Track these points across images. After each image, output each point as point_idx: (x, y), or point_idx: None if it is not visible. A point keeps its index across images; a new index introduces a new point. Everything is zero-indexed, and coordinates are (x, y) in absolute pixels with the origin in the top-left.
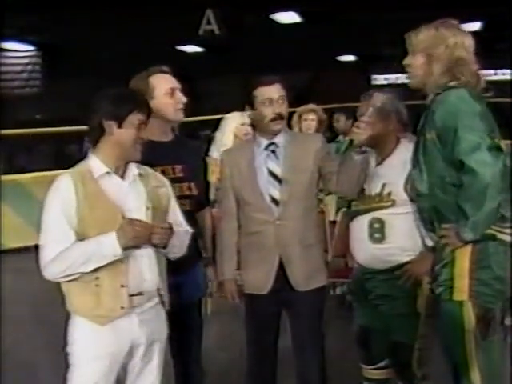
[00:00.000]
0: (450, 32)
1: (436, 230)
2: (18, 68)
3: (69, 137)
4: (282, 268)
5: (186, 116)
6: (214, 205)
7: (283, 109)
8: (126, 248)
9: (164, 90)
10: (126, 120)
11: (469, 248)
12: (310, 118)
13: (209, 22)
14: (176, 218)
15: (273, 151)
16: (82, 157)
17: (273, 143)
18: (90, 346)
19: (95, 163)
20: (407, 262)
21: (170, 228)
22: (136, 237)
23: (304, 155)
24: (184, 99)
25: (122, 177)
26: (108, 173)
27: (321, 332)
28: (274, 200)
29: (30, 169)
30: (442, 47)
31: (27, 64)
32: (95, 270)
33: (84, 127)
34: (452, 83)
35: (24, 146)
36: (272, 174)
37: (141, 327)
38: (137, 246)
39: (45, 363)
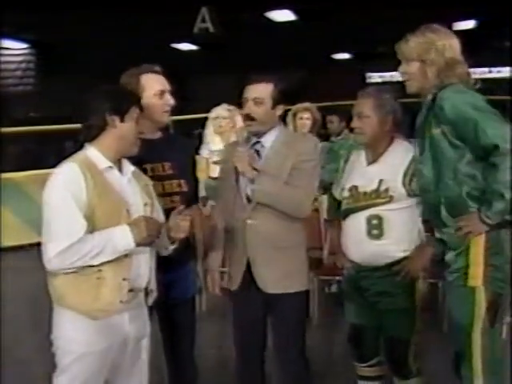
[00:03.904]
0: (436, 35)
1: (446, 224)
2: (13, 66)
3: (63, 135)
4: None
5: (180, 114)
6: (205, 202)
7: (252, 110)
8: (138, 244)
9: (154, 91)
10: (127, 114)
11: (483, 235)
12: (305, 116)
13: (203, 20)
14: (161, 216)
15: (257, 151)
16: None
17: (258, 142)
18: (81, 342)
19: (96, 156)
20: (404, 258)
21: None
22: (150, 235)
23: (285, 158)
24: (172, 102)
25: (120, 172)
26: (111, 167)
27: (301, 338)
28: (248, 199)
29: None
30: (433, 51)
31: (21, 62)
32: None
33: (79, 125)
34: (447, 81)
35: (16, 144)
36: None
37: (130, 323)
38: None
39: (42, 361)
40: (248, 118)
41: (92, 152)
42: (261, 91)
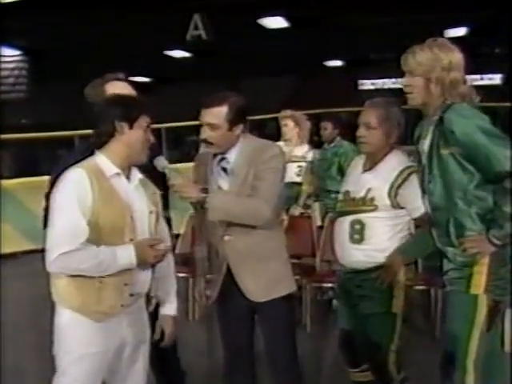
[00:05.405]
0: (443, 52)
1: (454, 244)
2: (5, 73)
3: (56, 142)
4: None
5: (173, 121)
6: None
7: (208, 135)
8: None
9: None
10: (136, 122)
11: None
12: (283, 123)
13: (196, 27)
14: (164, 228)
15: (224, 168)
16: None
17: (224, 158)
18: (82, 343)
19: (104, 162)
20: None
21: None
22: (155, 257)
23: (248, 172)
24: None
25: (127, 179)
26: (118, 174)
27: (291, 344)
28: None
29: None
30: (439, 69)
31: (13, 69)
32: None
33: (72, 132)
34: (451, 100)
35: (8, 151)
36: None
37: (128, 327)
38: None
39: (35, 367)
40: (206, 142)
41: (101, 159)
42: (214, 116)
